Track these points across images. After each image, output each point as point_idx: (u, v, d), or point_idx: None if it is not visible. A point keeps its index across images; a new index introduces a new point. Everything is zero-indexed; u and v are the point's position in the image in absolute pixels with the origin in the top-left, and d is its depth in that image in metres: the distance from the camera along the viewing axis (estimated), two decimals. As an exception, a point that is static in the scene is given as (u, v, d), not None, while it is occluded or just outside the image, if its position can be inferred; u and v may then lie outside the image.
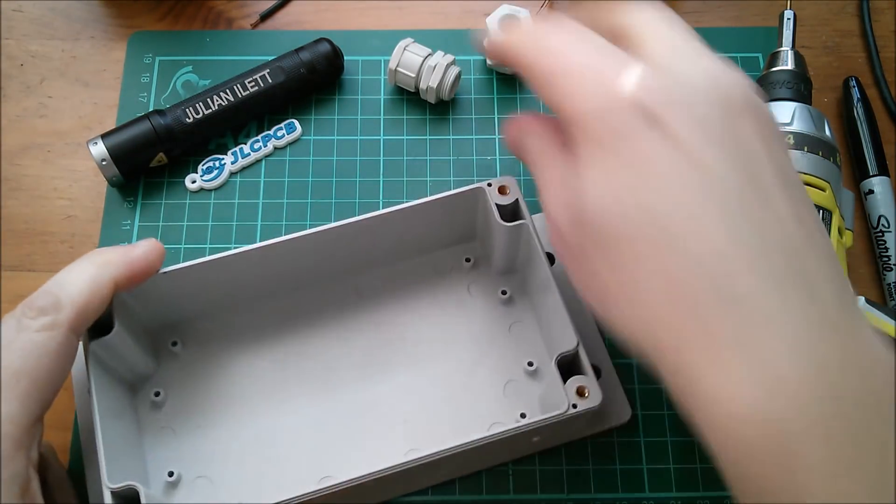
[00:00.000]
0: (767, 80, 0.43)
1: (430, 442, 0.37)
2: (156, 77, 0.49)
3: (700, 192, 0.24)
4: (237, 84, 0.46)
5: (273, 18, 0.51)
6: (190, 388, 0.40)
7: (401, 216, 0.38)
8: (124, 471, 0.34)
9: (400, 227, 0.39)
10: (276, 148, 0.47)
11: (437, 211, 0.39)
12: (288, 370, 0.40)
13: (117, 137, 0.44)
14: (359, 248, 0.40)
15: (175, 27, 0.50)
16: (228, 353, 0.41)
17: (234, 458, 0.38)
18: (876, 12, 0.51)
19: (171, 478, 0.37)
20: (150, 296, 0.37)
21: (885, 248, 0.44)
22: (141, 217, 0.45)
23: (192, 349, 0.41)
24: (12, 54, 0.49)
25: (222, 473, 0.38)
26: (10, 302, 0.43)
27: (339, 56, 0.47)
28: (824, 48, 0.50)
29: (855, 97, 0.47)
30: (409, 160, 0.47)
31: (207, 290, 0.39)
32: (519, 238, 0.39)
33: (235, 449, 0.38)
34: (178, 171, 0.46)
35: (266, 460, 0.38)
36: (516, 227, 0.38)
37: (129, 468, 0.35)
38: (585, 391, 0.34)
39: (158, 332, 0.41)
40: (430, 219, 0.40)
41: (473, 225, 0.42)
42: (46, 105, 0.48)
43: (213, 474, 0.38)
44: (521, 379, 0.40)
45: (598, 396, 0.34)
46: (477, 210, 0.40)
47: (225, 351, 0.41)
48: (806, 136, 0.40)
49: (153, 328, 0.40)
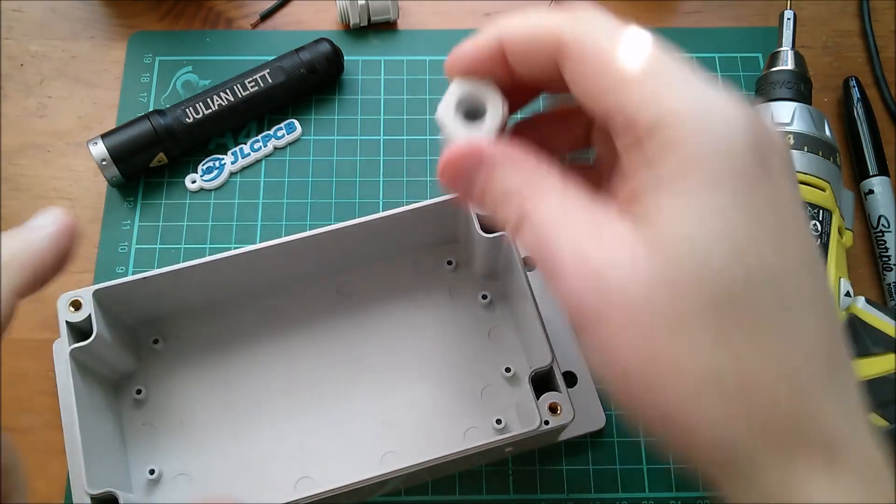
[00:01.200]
0: (767, 80, 0.43)
1: (407, 444, 0.37)
2: (156, 77, 0.49)
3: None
4: (237, 84, 0.46)
5: (273, 18, 0.51)
6: (171, 385, 0.40)
7: (383, 224, 0.38)
8: (105, 472, 0.35)
9: (382, 233, 0.39)
10: (276, 148, 0.47)
11: (419, 218, 0.39)
12: (268, 369, 0.40)
13: (117, 137, 0.44)
14: (340, 252, 0.40)
15: (175, 27, 0.50)
16: (210, 350, 0.41)
17: (214, 455, 0.38)
18: (876, 12, 0.51)
19: (152, 475, 0.38)
20: (130, 297, 0.38)
21: (885, 248, 0.44)
22: (141, 217, 0.45)
23: (173, 346, 0.41)
24: (12, 54, 0.49)
25: (202, 471, 0.38)
26: (10, 302, 0.42)
27: (339, 56, 0.47)
28: (824, 48, 0.50)
29: (855, 97, 0.47)
30: (408, 160, 0.47)
31: (189, 291, 0.39)
32: (499, 248, 0.39)
33: (215, 446, 0.39)
34: (178, 171, 0.46)
35: (245, 458, 0.38)
36: (496, 239, 0.38)
37: (110, 468, 0.36)
38: (558, 408, 0.35)
39: (139, 329, 0.41)
40: (412, 225, 0.40)
41: (455, 229, 0.42)
42: (46, 105, 0.48)
43: (193, 471, 0.38)
44: (499, 384, 0.40)
45: (569, 413, 0.35)
46: (458, 217, 0.40)
47: (207, 348, 0.41)
48: (806, 136, 0.40)
49: (134, 326, 0.40)
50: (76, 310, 0.36)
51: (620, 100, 0.20)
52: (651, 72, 0.20)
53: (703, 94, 0.20)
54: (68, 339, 0.35)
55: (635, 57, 0.21)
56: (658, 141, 0.20)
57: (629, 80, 0.20)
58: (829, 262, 0.38)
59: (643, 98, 0.20)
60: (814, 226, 0.39)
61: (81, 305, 0.36)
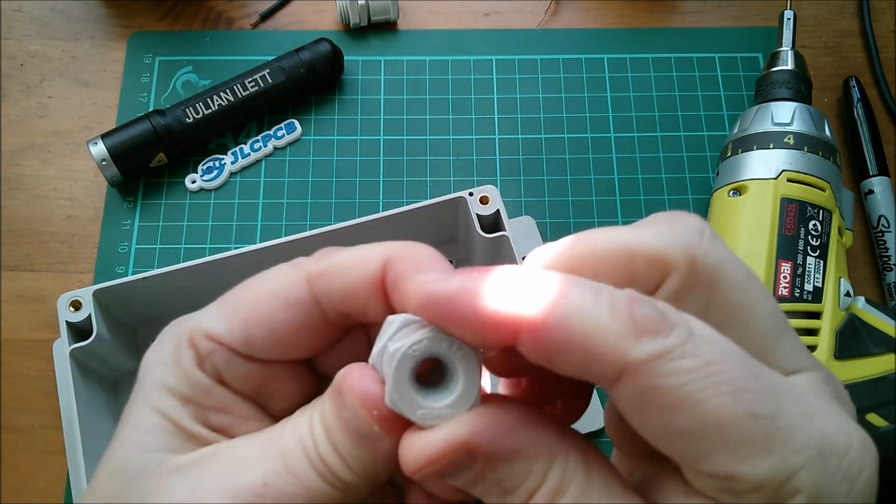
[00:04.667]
0: (767, 80, 0.43)
1: None
2: (156, 77, 0.49)
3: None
4: (237, 84, 0.46)
5: (273, 18, 0.51)
6: None
7: (383, 224, 0.39)
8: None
9: (382, 233, 0.39)
10: (276, 148, 0.47)
11: (419, 218, 0.39)
12: None
13: (117, 137, 0.44)
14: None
15: (175, 27, 0.50)
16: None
17: None
18: (876, 12, 0.51)
19: None
20: (130, 297, 0.38)
21: (885, 248, 0.44)
22: (141, 217, 0.45)
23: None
24: (12, 54, 0.49)
25: None
26: (10, 302, 0.43)
27: (339, 56, 0.47)
28: (824, 48, 0.50)
29: (855, 97, 0.47)
30: (408, 160, 0.47)
31: (189, 291, 0.39)
32: (499, 248, 0.39)
33: None
34: (178, 171, 0.46)
35: None
36: (496, 239, 0.38)
37: None
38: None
39: (139, 329, 0.41)
40: (412, 225, 0.40)
41: (455, 229, 0.42)
42: (46, 105, 0.48)
43: None
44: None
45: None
46: (459, 217, 0.40)
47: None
48: (806, 136, 0.40)
49: (134, 326, 0.40)
50: (76, 310, 0.36)
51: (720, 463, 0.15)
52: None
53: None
54: (68, 339, 0.35)
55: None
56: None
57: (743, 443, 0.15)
58: (829, 262, 0.38)
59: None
60: (814, 226, 0.39)
61: (81, 305, 0.36)
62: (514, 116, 0.48)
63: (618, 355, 0.15)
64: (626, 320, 0.15)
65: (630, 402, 0.15)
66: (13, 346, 0.42)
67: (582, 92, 0.49)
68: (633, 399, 0.15)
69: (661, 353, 0.15)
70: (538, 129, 0.48)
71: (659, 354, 0.15)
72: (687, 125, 0.48)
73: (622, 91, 0.49)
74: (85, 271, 0.44)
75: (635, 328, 0.15)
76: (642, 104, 0.49)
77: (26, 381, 0.41)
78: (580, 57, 0.50)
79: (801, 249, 0.38)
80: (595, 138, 0.48)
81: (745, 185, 0.40)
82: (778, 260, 0.38)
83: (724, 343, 0.16)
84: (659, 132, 0.48)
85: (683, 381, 0.15)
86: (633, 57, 0.50)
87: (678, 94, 0.49)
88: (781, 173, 0.39)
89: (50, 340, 0.41)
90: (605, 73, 0.49)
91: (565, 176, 0.47)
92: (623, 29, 0.51)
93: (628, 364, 0.15)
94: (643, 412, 0.15)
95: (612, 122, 0.48)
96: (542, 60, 0.50)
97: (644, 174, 0.47)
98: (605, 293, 0.15)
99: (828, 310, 0.37)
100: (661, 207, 0.46)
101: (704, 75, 0.49)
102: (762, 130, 0.41)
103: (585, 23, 0.51)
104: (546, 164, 0.47)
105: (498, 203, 0.38)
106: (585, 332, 0.15)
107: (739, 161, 0.41)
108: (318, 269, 0.19)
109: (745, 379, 0.15)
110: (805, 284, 0.38)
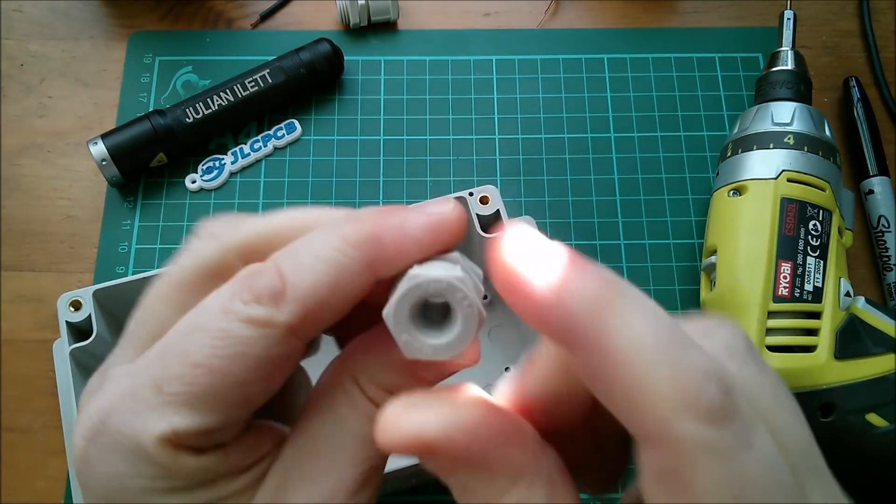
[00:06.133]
0: (767, 80, 0.43)
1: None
2: (156, 77, 0.49)
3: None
4: (237, 84, 0.46)
5: (273, 18, 0.51)
6: None
7: None
8: None
9: None
10: (276, 148, 0.47)
11: None
12: None
13: (117, 137, 0.44)
14: None
15: (175, 27, 0.50)
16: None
17: None
18: (876, 12, 0.51)
19: None
20: (130, 297, 0.37)
21: (885, 248, 0.44)
22: (141, 217, 0.45)
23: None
24: (12, 54, 0.49)
25: None
26: (10, 302, 0.43)
27: (339, 56, 0.47)
28: (824, 48, 0.50)
29: (855, 97, 0.47)
30: (408, 160, 0.47)
31: None
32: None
33: None
34: (178, 171, 0.46)
35: None
36: (496, 239, 0.37)
37: None
38: None
39: None
40: None
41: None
42: (46, 105, 0.48)
43: None
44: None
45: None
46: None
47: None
48: (806, 136, 0.40)
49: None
50: (76, 310, 0.36)
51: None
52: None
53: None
54: (68, 339, 0.35)
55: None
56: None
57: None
58: (829, 262, 0.38)
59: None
60: (814, 226, 0.39)
61: (81, 305, 0.36)
62: (514, 116, 0.48)
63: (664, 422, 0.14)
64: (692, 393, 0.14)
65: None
66: (13, 346, 0.42)
67: (582, 92, 0.49)
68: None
69: (712, 447, 0.14)
70: (538, 129, 0.48)
71: (709, 447, 0.14)
72: (687, 125, 0.48)
73: (622, 91, 0.49)
74: (85, 271, 0.44)
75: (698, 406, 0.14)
76: (642, 104, 0.49)
77: (26, 381, 0.41)
78: (580, 57, 0.50)
79: (801, 249, 0.38)
80: (595, 138, 0.48)
81: (745, 185, 0.40)
82: (778, 260, 0.38)
83: (777, 473, 0.15)
84: (659, 132, 0.48)
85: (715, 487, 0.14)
86: (633, 57, 0.50)
87: (678, 94, 0.49)
88: (781, 173, 0.39)
89: (50, 340, 0.41)
90: (605, 73, 0.49)
91: (565, 176, 0.47)
92: (623, 29, 0.51)
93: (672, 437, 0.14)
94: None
95: (612, 122, 0.48)
96: (542, 60, 0.50)
97: (644, 174, 0.47)
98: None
99: (828, 310, 0.37)
100: (661, 207, 0.46)
101: (704, 75, 0.49)
102: (762, 130, 0.41)
103: (585, 23, 0.51)
104: (546, 164, 0.47)
105: (498, 203, 0.38)
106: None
107: (739, 161, 0.41)
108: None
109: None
110: (805, 284, 0.38)
